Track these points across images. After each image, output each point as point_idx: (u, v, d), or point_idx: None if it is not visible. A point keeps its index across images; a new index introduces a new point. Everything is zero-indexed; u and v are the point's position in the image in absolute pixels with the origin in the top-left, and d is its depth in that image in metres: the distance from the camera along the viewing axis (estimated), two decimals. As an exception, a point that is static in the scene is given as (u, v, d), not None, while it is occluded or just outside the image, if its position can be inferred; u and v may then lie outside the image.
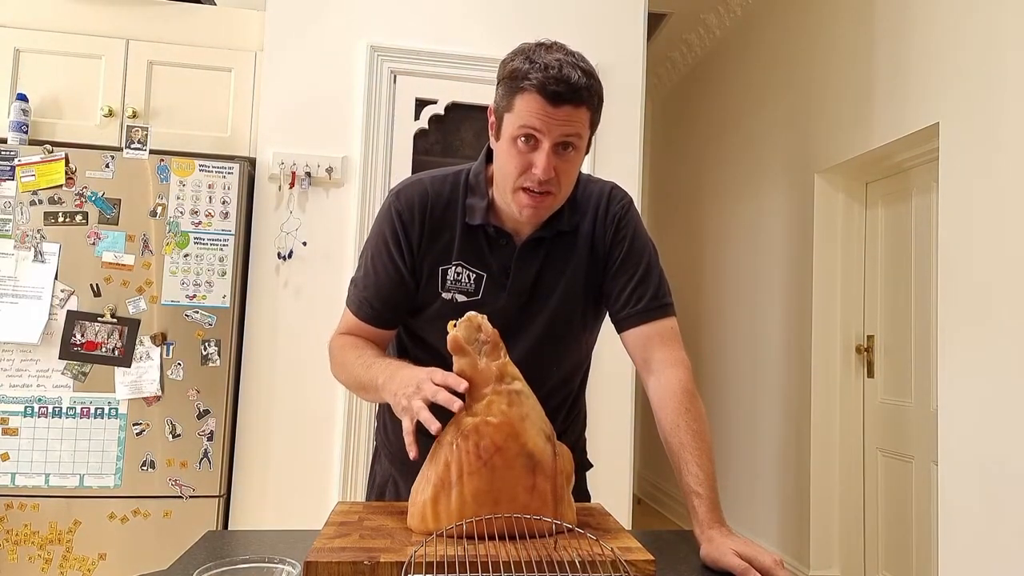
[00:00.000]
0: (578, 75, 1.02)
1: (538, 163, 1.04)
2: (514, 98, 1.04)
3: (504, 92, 1.07)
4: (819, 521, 3.20)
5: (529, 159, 1.05)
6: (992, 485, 2.21)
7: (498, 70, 1.09)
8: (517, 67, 1.04)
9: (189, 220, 2.40)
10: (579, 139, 1.06)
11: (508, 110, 1.06)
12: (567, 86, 1.01)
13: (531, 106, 1.02)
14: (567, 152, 1.06)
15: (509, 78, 1.05)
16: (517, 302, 1.17)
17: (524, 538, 0.90)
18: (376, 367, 1.08)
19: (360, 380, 1.11)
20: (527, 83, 1.02)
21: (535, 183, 1.06)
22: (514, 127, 1.05)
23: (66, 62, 2.54)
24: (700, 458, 1.03)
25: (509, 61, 1.07)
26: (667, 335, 1.16)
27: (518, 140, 1.05)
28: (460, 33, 2.74)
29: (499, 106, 1.09)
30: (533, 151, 1.05)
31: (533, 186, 1.06)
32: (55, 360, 2.30)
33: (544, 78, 1.01)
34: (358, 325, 1.21)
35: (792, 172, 3.47)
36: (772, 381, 3.59)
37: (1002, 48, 2.25)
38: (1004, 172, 2.22)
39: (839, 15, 3.16)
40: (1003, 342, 2.19)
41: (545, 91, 1.01)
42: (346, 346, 1.18)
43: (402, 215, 1.16)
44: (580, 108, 1.04)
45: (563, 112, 1.02)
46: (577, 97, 1.02)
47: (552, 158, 1.04)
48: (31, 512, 2.25)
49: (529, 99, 1.02)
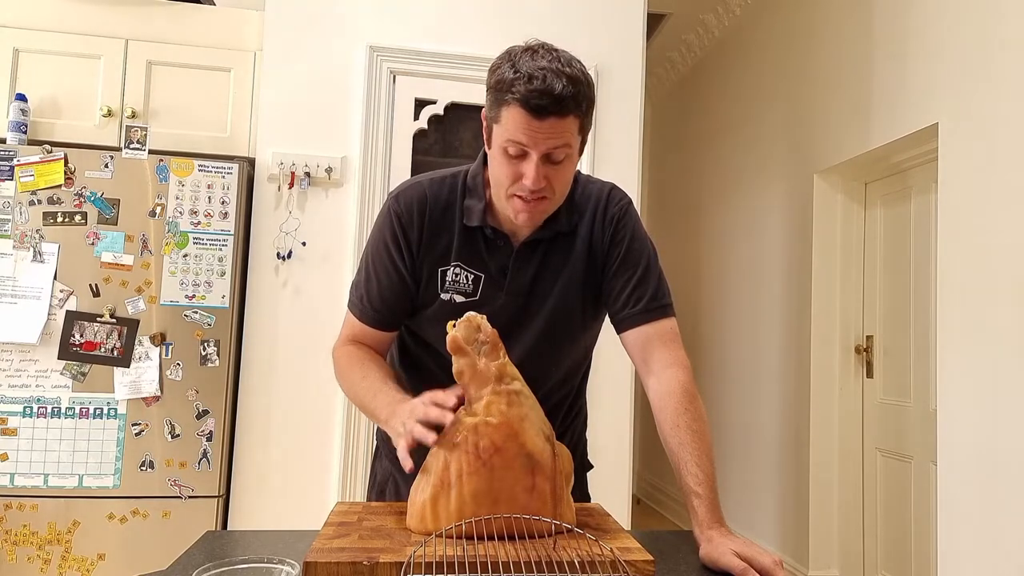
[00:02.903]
0: (562, 84, 0.99)
1: (528, 174, 1.04)
2: (500, 109, 1.04)
3: (492, 102, 1.06)
4: (818, 521, 3.20)
5: (519, 169, 1.05)
6: (991, 485, 2.21)
7: (487, 76, 1.08)
8: (503, 76, 1.02)
9: (188, 220, 2.40)
10: (568, 148, 1.05)
11: (496, 121, 1.05)
12: (551, 99, 0.99)
13: (516, 120, 1.01)
14: (557, 160, 1.05)
15: (496, 88, 1.04)
16: (515, 303, 1.17)
17: (523, 538, 0.90)
18: (379, 398, 1.08)
19: (365, 406, 1.13)
20: (511, 96, 1.01)
21: (526, 192, 1.06)
22: (502, 139, 1.04)
23: (65, 62, 2.54)
24: (700, 458, 1.03)
25: (496, 67, 1.05)
26: (667, 335, 1.16)
27: (507, 150, 1.05)
28: (460, 33, 2.74)
29: (489, 114, 1.08)
30: (522, 162, 1.04)
31: (525, 194, 1.06)
32: (54, 360, 2.30)
33: (527, 92, 0.99)
34: (360, 328, 1.21)
35: (791, 172, 3.47)
36: (771, 381, 3.59)
37: (1002, 48, 2.25)
38: (1003, 172, 2.22)
39: (838, 15, 3.16)
40: (1002, 342, 2.19)
41: (528, 105, 0.99)
42: (351, 362, 1.18)
43: (401, 217, 1.16)
44: (566, 118, 1.02)
45: (548, 124, 1.01)
46: (562, 109, 1.00)
47: (542, 168, 1.04)
48: (30, 512, 2.25)
49: (514, 112, 1.01)
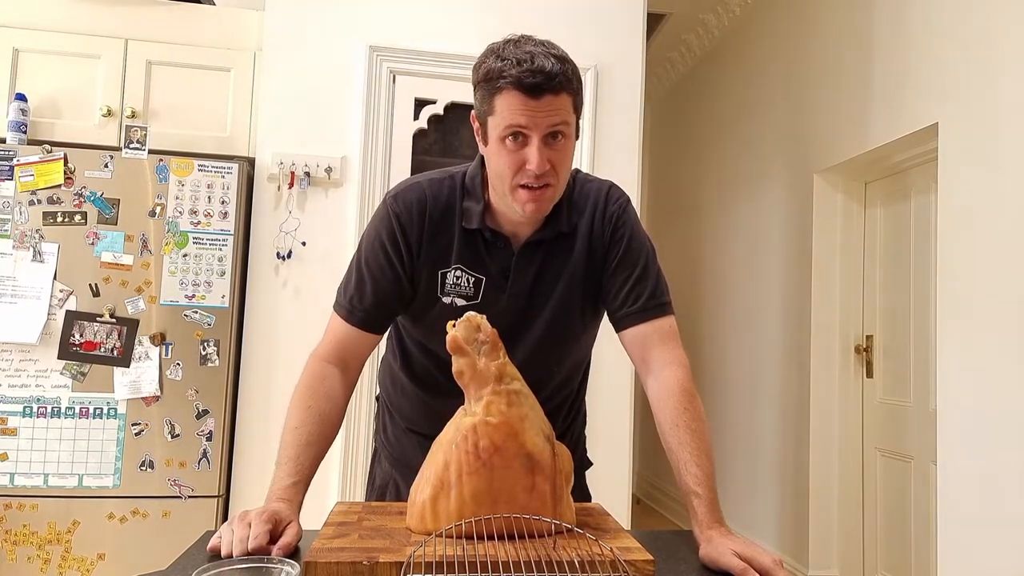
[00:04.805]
0: (552, 63, 1.00)
1: (531, 158, 1.03)
2: (494, 99, 1.03)
3: (483, 96, 1.06)
4: (818, 521, 3.20)
5: (521, 156, 1.04)
6: (991, 485, 2.21)
7: (472, 74, 1.08)
8: (490, 67, 1.02)
9: (188, 220, 2.40)
10: (566, 126, 1.05)
11: (490, 113, 1.05)
12: (544, 76, 1.00)
13: (512, 103, 1.01)
14: (557, 141, 1.05)
15: (485, 80, 1.04)
16: (517, 305, 1.16)
17: (523, 538, 0.90)
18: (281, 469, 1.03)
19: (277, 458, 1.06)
20: (503, 81, 1.01)
21: (532, 179, 1.05)
22: (500, 128, 1.04)
23: (65, 62, 2.54)
24: (699, 458, 1.02)
25: (481, 64, 1.05)
26: (665, 334, 1.15)
27: (506, 140, 1.04)
28: (459, 33, 2.74)
29: (480, 111, 1.08)
30: (523, 147, 1.04)
31: (531, 182, 1.05)
32: (54, 360, 2.30)
33: (519, 72, 0.99)
34: (345, 331, 1.16)
35: (791, 172, 3.47)
36: (771, 381, 3.59)
37: (1001, 48, 2.25)
38: (1003, 172, 2.22)
39: (838, 15, 3.16)
40: (1002, 342, 2.19)
41: (523, 85, 1.00)
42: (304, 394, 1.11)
43: (400, 217, 1.14)
44: (561, 95, 1.02)
45: (545, 103, 1.01)
46: (556, 85, 1.01)
47: (544, 150, 1.04)
48: (30, 512, 2.25)
49: (509, 97, 1.01)
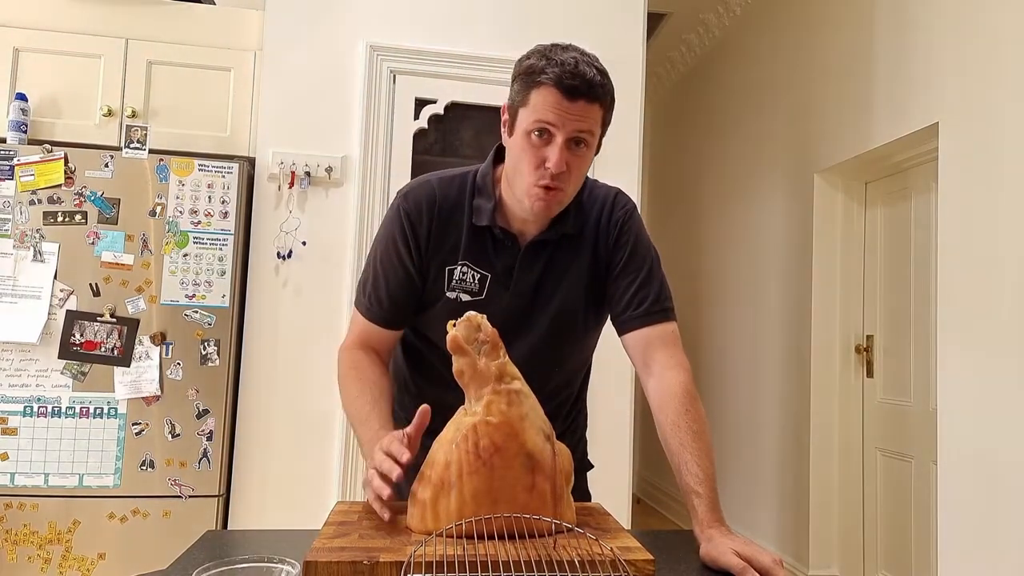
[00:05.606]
0: (593, 72, 1.05)
1: (552, 157, 1.06)
2: (530, 93, 1.06)
3: (520, 88, 1.09)
4: (818, 521, 3.20)
5: (542, 154, 1.07)
6: (991, 485, 2.21)
7: (514, 68, 1.11)
8: (533, 64, 1.06)
9: (188, 220, 2.40)
10: (591, 136, 1.08)
11: (523, 105, 1.08)
12: (583, 81, 1.03)
13: (547, 100, 1.04)
14: (579, 148, 1.08)
15: (525, 74, 1.07)
16: (520, 303, 1.18)
17: (523, 538, 0.89)
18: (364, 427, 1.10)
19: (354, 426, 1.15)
20: (544, 77, 1.04)
21: (548, 178, 1.07)
22: (529, 121, 1.06)
23: (65, 61, 2.54)
24: (700, 458, 1.03)
25: (525, 59, 1.09)
26: (667, 338, 1.17)
27: (532, 134, 1.07)
28: (459, 33, 2.74)
29: (514, 101, 1.11)
30: (546, 145, 1.06)
31: (546, 181, 1.08)
32: (54, 360, 2.30)
33: (561, 72, 1.03)
34: (368, 327, 1.22)
35: (792, 172, 3.47)
36: (771, 381, 3.59)
37: (1002, 48, 2.25)
38: (1003, 172, 2.22)
39: (839, 15, 3.16)
40: (1002, 342, 2.19)
41: (561, 84, 1.03)
42: (351, 374, 1.18)
43: (410, 215, 1.17)
44: (594, 104, 1.06)
45: (578, 107, 1.04)
46: (592, 93, 1.05)
47: (565, 153, 1.06)
48: (30, 512, 2.25)
49: (545, 93, 1.05)
